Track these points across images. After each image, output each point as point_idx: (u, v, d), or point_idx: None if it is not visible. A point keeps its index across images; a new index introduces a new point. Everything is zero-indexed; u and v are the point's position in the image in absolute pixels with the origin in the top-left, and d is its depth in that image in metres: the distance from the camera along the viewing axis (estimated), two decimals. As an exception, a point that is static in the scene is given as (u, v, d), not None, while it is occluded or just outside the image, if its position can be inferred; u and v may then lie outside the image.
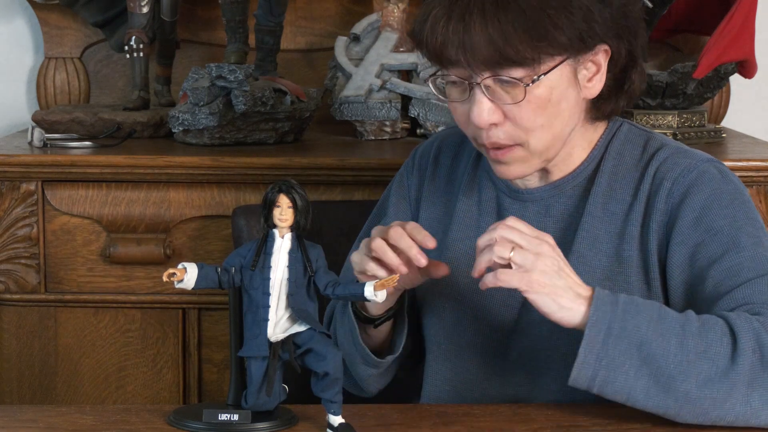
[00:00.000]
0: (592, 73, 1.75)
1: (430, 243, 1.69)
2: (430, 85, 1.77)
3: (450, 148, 1.95)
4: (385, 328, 1.84)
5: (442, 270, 1.75)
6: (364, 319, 1.82)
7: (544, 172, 1.82)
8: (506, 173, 1.77)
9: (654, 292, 1.76)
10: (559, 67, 1.70)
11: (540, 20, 1.66)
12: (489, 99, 1.70)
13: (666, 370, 1.56)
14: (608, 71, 1.76)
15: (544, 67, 1.69)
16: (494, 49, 1.66)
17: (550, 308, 1.60)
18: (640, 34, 1.79)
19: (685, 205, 1.74)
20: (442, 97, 1.77)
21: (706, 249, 1.71)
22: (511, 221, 1.63)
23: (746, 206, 1.75)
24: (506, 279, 1.60)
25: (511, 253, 1.60)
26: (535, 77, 1.68)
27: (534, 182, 1.84)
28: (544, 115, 1.71)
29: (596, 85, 1.76)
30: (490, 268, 1.63)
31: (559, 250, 1.64)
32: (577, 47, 1.70)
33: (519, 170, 1.76)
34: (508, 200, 1.85)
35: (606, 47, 1.74)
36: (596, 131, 1.84)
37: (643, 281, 1.76)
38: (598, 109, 1.80)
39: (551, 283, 1.60)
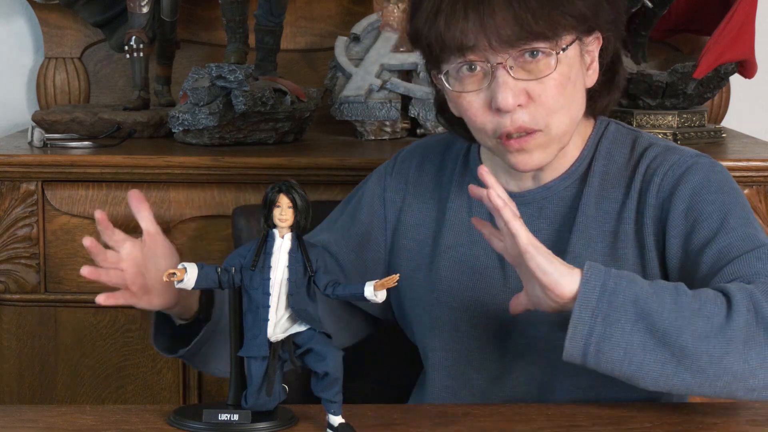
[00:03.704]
0: (588, 62, 1.76)
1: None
2: (443, 80, 1.73)
3: (435, 156, 1.94)
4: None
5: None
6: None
7: (537, 175, 1.82)
8: (528, 162, 1.74)
9: None
10: (574, 44, 1.71)
11: None
12: (514, 79, 1.68)
13: (661, 325, 1.55)
14: (600, 63, 1.78)
15: (564, 41, 1.69)
16: (520, 25, 1.65)
17: (547, 267, 1.57)
18: (622, 30, 1.80)
19: (675, 197, 1.74)
20: (454, 90, 1.73)
21: (697, 235, 1.71)
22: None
23: (735, 192, 1.75)
24: (517, 224, 1.57)
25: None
26: (564, 46, 1.69)
27: (526, 185, 1.83)
28: (565, 95, 1.71)
29: (593, 75, 1.77)
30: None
31: None
32: (586, 24, 1.71)
33: (540, 158, 1.74)
34: None
35: (598, 35, 1.75)
36: (586, 130, 1.84)
37: None
38: (594, 103, 1.81)
39: (547, 251, 1.59)
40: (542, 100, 1.70)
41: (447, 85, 1.74)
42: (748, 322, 1.56)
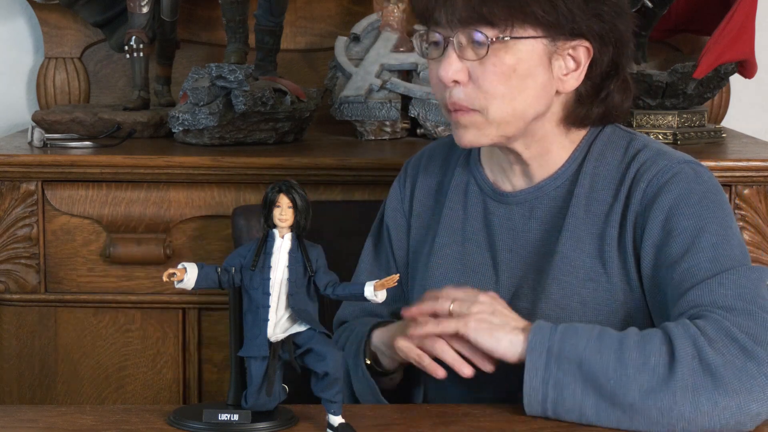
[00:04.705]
0: (571, 68, 1.77)
1: (467, 370, 1.71)
2: (415, 44, 1.81)
3: (439, 156, 1.96)
4: (399, 374, 1.86)
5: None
6: (377, 372, 1.83)
7: (527, 172, 1.83)
8: (462, 138, 1.78)
9: (635, 293, 1.77)
10: (531, 40, 1.73)
11: None
12: (458, 56, 1.74)
13: (607, 386, 1.57)
14: (588, 73, 1.77)
15: (514, 32, 1.72)
16: (471, 7, 1.71)
17: (489, 344, 1.64)
18: (627, 47, 1.80)
19: (656, 206, 1.74)
20: (423, 55, 1.82)
21: (669, 250, 1.71)
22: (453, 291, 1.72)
23: (715, 205, 1.74)
24: (445, 325, 1.67)
25: (451, 306, 1.68)
26: (501, 36, 1.72)
27: (519, 184, 1.84)
28: (507, 85, 1.74)
29: (571, 81, 1.78)
30: None
31: (500, 300, 1.71)
32: (554, 28, 1.73)
33: (473, 137, 1.78)
34: (494, 204, 1.86)
35: (587, 45, 1.75)
36: (579, 132, 1.84)
37: (624, 282, 1.77)
38: (572, 111, 1.80)
39: (487, 321, 1.65)
40: (479, 83, 1.74)
41: (416, 48, 1.81)
42: (693, 370, 1.56)
